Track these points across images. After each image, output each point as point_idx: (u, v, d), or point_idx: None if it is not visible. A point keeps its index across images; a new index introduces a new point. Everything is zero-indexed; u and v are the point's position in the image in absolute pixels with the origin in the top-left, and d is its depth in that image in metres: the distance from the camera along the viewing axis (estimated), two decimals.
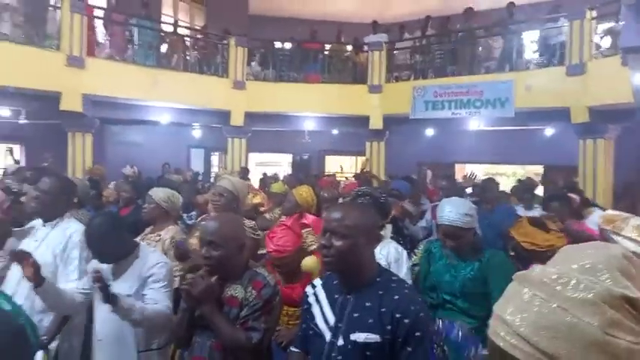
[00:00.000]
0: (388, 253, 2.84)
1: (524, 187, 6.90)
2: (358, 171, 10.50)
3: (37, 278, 2.15)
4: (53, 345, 2.54)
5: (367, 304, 1.62)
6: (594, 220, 3.47)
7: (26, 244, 2.64)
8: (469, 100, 8.94)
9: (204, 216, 3.75)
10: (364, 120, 10.73)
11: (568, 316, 0.64)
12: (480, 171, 13.42)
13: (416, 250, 3.33)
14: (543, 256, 2.61)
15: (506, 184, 9.77)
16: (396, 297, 1.61)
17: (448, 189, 5.27)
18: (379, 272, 1.71)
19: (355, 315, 1.62)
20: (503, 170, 15.21)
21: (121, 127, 12.27)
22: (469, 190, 5.80)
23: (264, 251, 3.16)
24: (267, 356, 2.06)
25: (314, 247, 2.94)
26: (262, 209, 5.53)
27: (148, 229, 3.41)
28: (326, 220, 1.73)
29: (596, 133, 8.22)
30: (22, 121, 9.47)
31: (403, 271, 2.79)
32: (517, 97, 8.45)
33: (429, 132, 11.60)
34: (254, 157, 13.79)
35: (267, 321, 1.95)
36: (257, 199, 5.65)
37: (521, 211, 5.90)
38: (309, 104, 10.71)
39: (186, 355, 2.04)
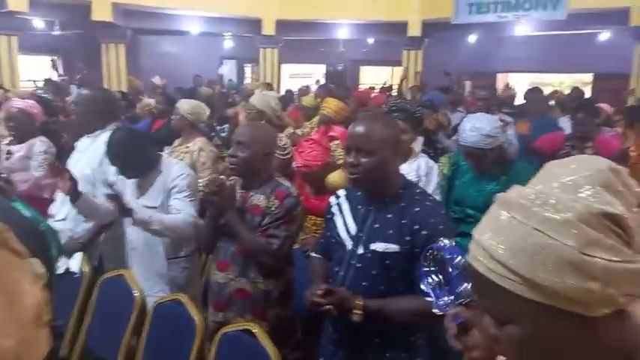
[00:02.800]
0: (419, 166, 2.79)
1: (571, 99, 6.54)
2: (397, 82, 10.11)
3: (73, 192, 2.22)
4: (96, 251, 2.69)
5: (388, 215, 1.63)
6: None
7: (73, 156, 2.75)
8: (517, 1, 8.25)
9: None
10: (402, 26, 10.14)
11: (544, 238, 0.61)
12: (525, 81, 12.79)
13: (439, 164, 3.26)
14: None
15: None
16: (417, 209, 1.62)
17: (487, 100, 5.01)
18: (404, 185, 1.70)
19: (376, 226, 1.64)
20: (549, 80, 14.42)
21: (154, 37, 12.15)
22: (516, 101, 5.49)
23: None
24: (288, 262, 2.13)
25: (342, 160, 2.92)
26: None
27: (177, 142, 3.45)
28: (350, 136, 1.68)
29: None
30: (57, 32, 9.47)
31: (432, 185, 2.76)
32: None
33: (472, 39, 10.95)
34: (287, 69, 13.49)
35: (287, 229, 1.99)
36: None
37: (566, 123, 5.63)
38: (342, 10, 10.15)
39: (212, 259, 2.12)
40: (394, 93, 9.25)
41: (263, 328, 1.90)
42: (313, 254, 1.92)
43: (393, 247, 1.59)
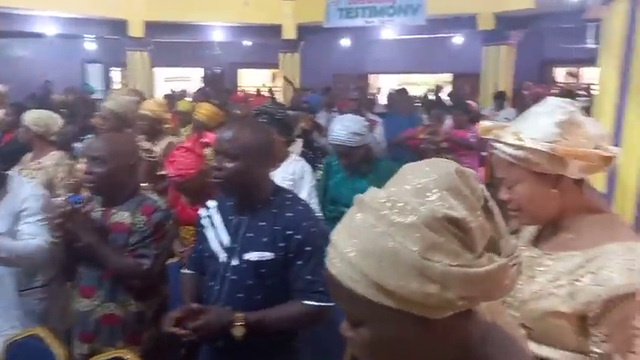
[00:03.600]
0: (294, 170, 2.82)
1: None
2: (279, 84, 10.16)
3: None
4: None
5: (261, 223, 1.61)
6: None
7: None
8: (382, 8, 8.77)
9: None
10: (276, 29, 10.22)
11: (392, 242, 0.61)
12: (394, 81, 13.66)
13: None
14: None
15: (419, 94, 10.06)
16: (289, 214, 1.62)
17: (358, 100, 5.24)
18: (274, 191, 1.69)
19: (249, 235, 1.61)
20: (416, 80, 15.57)
21: (4, 40, 10.79)
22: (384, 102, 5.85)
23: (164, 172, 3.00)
24: (162, 279, 2.00)
25: None
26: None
27: (27, 157, 3.07)
28: (217, 140, 1.65)
29: (499, 40, 8.51)
30: None
31: (305, 188, 2.79)
32: (428, 3, 8.42)
33: (344, 42, 11.39)
34: (161, 72, 12.84)
35: (158, 247, 1.87)
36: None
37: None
38: (214, 12, 9.90)
39: (73, 286, 1.93)
40: (277, 96, 9.37)
41: (136, 353, 1.76)
42: (185, 271, 1.82)
43: (267, 255, 1.58)
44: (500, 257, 0.64)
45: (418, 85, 12.82)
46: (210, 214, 1.73)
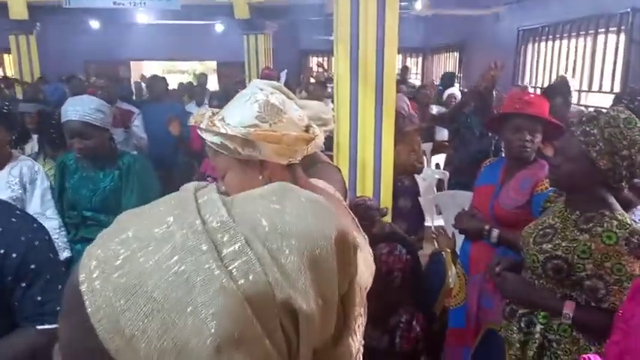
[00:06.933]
0: (21, 172, 2.36)
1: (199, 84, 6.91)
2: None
3: None
4: None
5: None
6: None
7: None
8: None
9: None
10: (1, 7, 8.47)
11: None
12: (159, 68, 12.94)
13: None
14: None
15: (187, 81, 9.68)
16: None
17: (106, 88, 4.65)
18: None
19: None
20: (185, 67, 15.09)
21: None
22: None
23: None
24: None
25: None
26: None
27: None
28: None
29: (257, 29, 8.74)
30: None
31: (37, 193, 2.39)
32: None
33: (94, 25, 10.20)
34: None
35: None
36: None
37: (192, 107, 5.87)
38: None
39: None
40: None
41: None
42: None
43: None
44: None
45: (186, 72, 12.43)
46: None
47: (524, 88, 6.21)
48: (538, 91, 6.33)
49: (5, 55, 10.86)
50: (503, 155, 2.78)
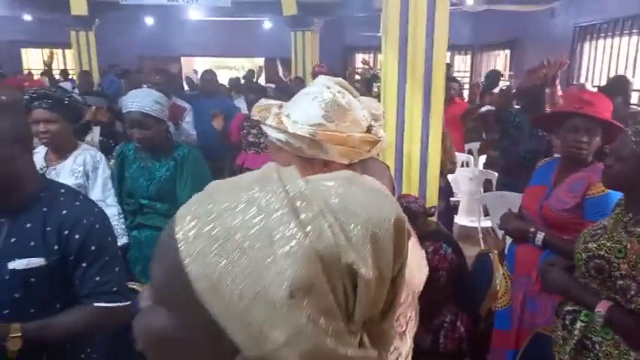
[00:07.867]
0: (84, 161, 2.50)
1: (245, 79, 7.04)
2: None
3: None
4: None
5: (27, 225, 1.37)
6: None
7: None
8: None
9: None
10: (63, 4, 8.92)
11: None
12: (208, 64, 13.23)
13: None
14: None
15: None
16: (64, 212, 1.40)
17: (160, 84, 4.82)
18: (43, 186, 1.43)
19: (12, 240, 1.36)
20: (233, 64, 15.35)
21: None
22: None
23: None
24: None
25: None
26: None
27: None
28: None
29: (304, 26, 8.80)
30: None
31: (99, 181, 2.53)
32: None
33: (149, 21, 10.56)
34: None
35: None
36: None
37: (241, 102, 6.00)
38: None
39: None
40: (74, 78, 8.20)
41: None
42: None
43: (37, 261, 1.35)
44: (371, 347, 0.50)
45: (237, 69, 12.66)
46: None
47: (581, 86, 5.98)
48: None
49: (67, 51, 11.44)
50: (557, 155, 2.70)
